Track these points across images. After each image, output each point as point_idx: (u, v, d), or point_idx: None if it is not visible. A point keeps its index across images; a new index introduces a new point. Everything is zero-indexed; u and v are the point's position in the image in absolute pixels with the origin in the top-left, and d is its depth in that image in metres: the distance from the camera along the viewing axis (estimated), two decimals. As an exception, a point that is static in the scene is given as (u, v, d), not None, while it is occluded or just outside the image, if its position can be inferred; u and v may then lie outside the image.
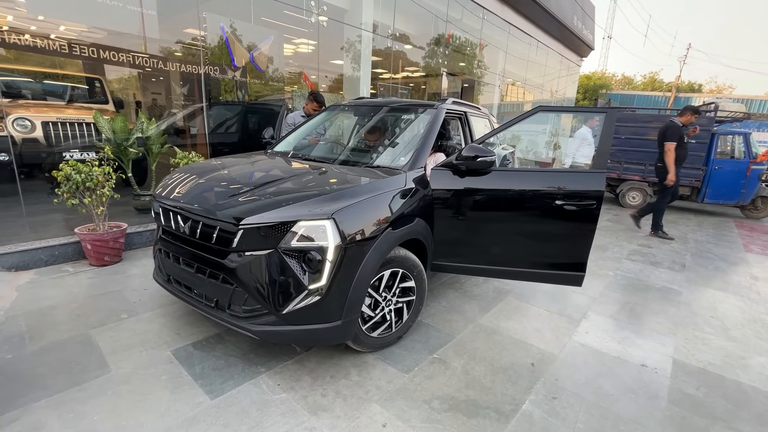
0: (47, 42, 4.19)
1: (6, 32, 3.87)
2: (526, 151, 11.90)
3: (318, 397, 1.93)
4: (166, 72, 5.20)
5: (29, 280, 3.03)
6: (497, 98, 12.32)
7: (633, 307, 3.21)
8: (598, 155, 2.51)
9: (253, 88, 5.93)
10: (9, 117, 4.45)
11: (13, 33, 3.91)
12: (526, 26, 11.36)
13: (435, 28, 8.86)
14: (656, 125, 7.59)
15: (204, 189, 2.18)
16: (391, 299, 2.28)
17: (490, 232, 2.61)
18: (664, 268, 4.28)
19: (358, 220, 1.96)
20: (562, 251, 2.56)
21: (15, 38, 3.97)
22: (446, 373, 2.18)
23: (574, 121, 16.79)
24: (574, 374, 2.25)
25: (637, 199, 7.89)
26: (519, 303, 3.14)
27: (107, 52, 4.65)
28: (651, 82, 39.68)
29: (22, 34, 4.00)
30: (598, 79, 30.71)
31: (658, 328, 2.88)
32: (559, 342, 2.59)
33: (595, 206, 2.40)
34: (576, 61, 16.51)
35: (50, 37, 4.23)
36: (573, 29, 13.25)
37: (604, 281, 3.75)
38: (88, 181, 3.16)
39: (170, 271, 2.28)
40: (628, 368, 2.35)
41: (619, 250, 4.84)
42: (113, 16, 4.28)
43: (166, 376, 2.01)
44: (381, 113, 3.32)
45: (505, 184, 2.53)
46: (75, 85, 5.68)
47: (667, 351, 2.57)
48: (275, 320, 1.88)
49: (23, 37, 4.02)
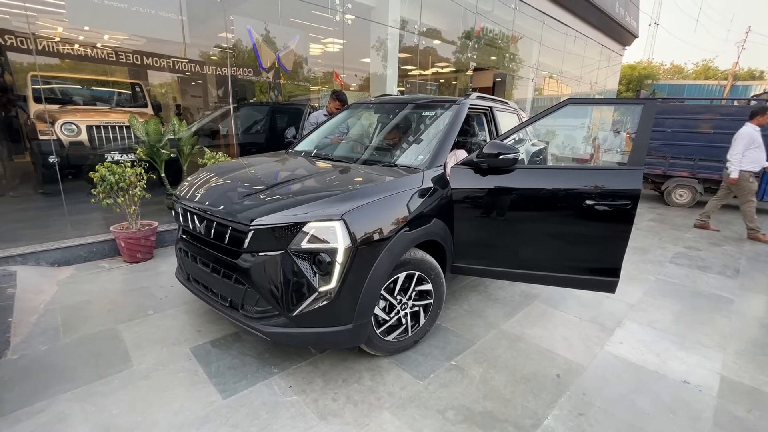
0: (93, 50, 4.48)
1: (58, 43, 4.15)
2: (563, 147, 11.34)
3: (329, 401, 1.89)
4: (197, 75, 5.39)
5: (69, 276, 3.22)
6: (531, 92, 11.85)
7: (676, 316, 2.94)
8: (635, 150, 2.29)
9: (280, 88, 6.01)
10: (58, 122, 4.79)
11: (63, 43, 4.19)
12: (561, 15, 10.82)
13: (464, 22, 8.62)
14: (708, 117, 7.00)
15: (219, 190, 2.20)
16: (406, 302, 2.20)
17: (513, 233, 2.46)
18: (715, 273, 3.91)
19: (370, 221, 1.90)
20: (593, 255, 2.38)
21: (67, 48, 4.26)
22: (463, 381, 2.08)
23: (616, 114, 15.84)
24: (604, 388, 2.08)
25: (685, 197, 7.30)
26: (547, 308, 2.97)
27: (148, 58, 4.91)
28: (704, 70, 36.80)
29: (71, 44, 4.29)
30: (644, 68, 28.88)
31: (705, 341, 2.61)
32: (589, 352, 2.41)
33: (630, 206, 2.19)
34: (618, 50, 15.56)
35: (96, 45, 4.52)
36: (614, 16, 12.47)
37: (643, 287, 3.47)
38: (121, 182, 3.31)
39: (189, 270, 2.33)
40: (668, 384, 2.14)
41: (663, 253, 4.48)
42: (145, 23, 4.46)
43: (183, 373, 2.05)
44: (402, 111, 3.24)
45: (530, 183, 2.37)
46: (117, 91, 6.05)
47: (714, 367, 2.32)
48: (286, 322, 1.87)
49: (73, 47, 4.31)
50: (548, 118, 2.58)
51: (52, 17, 4.10)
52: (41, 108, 4.90)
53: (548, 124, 9.41)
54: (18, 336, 2.33)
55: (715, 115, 6.96)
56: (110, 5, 4.00)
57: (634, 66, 28.41)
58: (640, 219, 6.18)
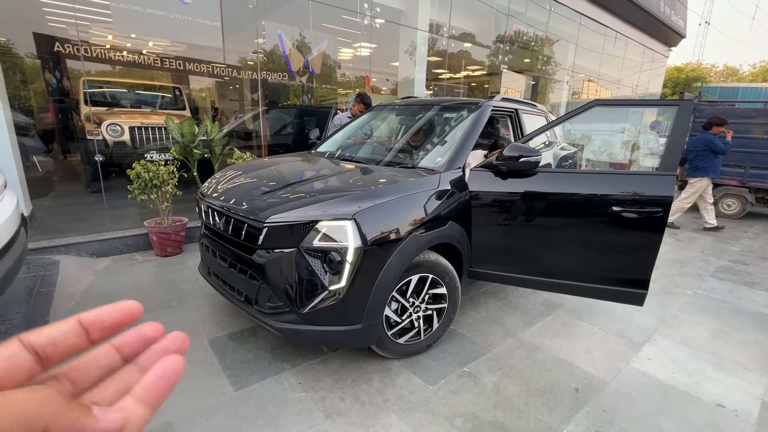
0: (140, 57, 4.81)
1: (109, 50, 4.48)
2: (599, 152, 10.85)
3: (336, 400, 1.90)
4: (231, 80, 5.62)
5: (106, 266, 3.43)
6: (566, 96, 11.44)
7: (714, 335, 2.73)
8: (667, 155, 2.16)
9: (308, 91, 6.15)
10: (104, 123, 5.14)
11: (113, 51, 4.52)
12: (599, 15, 10.38)
13: (496, 24, 8.47)
14: (762, 121, 6.48)
15: (238, 188, 2.28)
16: (419, 305, 2.18)
17: (533, 239, 2.38)
18: (762, 289, 3.59)
19: (382, 222, 1.89)
20: (620, 265, 2.25)
21: (117, 55, 4.60)
22: (474, 389, 2.02)
23: (660, 117, 14.94)
24: (627, 407, 1.95)
25: (734, 207, 6.78)
26: (570, 319, 2.84)
27: (190, 64, 5.20)
28: (762, 72, 34.16)
29: (120, 51, 4.61)
30: (692, 71, 27.16)
31: (746, 362, 2.40)
32: (612, 367, 2.27)
33: (661, 214, 2.07)
34: (662, 51, 14.74)
35: (142, 52, 4.84)
36: (659, 16, 11.82)
37: (679, 301, 3.25)
38: (155, 179, 3.50)
39: (210, 265, 2.42)
40: (699, 407, 1.98)
41: (704, 266, 4.17)
42: (182, 30, 4.70)
43: (200, 364, 2.12)
44: (424, 113, 3.22)
45: (552, 188, 2.30)
46: (158, 94, 6.45)
47: (755, 391, 2.13)
48: (296, 318, 1.89)
49: (122, 54, 4.64)
50: (578, 122, 2.48)
51: (102, 26, 4.41)
52: (90, 110, 5.29)
53: (582, 128, 9.04)
54: (55, 320, 2.49)
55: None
56: (151, 13, 4.24)
57: (681, 68, 26.80)
58: (680, 230, 5.80)
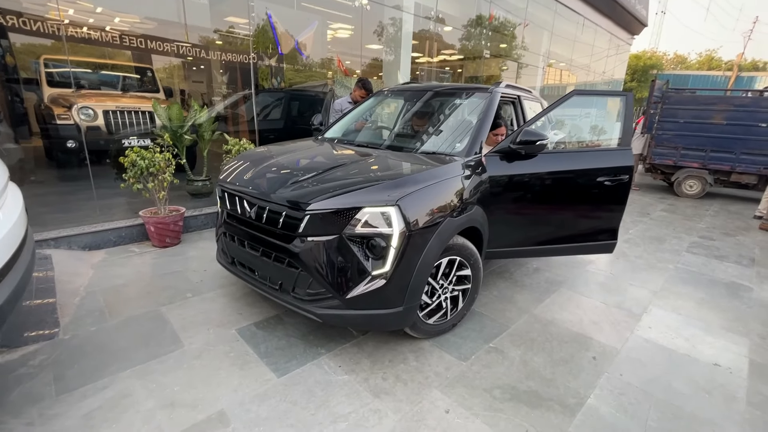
0: (102, 34, 4.43)
1: (82, 27, 4.10)
2: (570, 136, 11.34)
3: (379, 380, 1.96)
4: (215, 61, 5.34)
5: (102, 259, 3.26)
6: (540, 81, 11.76)
7: (699, 303, 3.02)
8: (624, 134, 2.75)
9: (297, 74, 5.97)
10: (74, 106, 4.76)
11: (91, 29, 4.15)
12: (573, 3, 10.69)
13: (477, 8, 8.52)
14: (722, 108, 7.01)
15: (269, 175, 2.23)
16: (447, 287, 2.26)
17: (539, 213, 2.76)
18: (731, 262, 3.99)
19: (422, 207, 1.94)
20: (600, 223, 2.84)
21: (93, 33, 4.22)
22: (504, 363, 2.15)
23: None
24: (639, 370, 2.16)
25: (695, 188, 7.36)
26: (573, 294, 3.04)
27: (154, 42, 4.85)
28: (707, 60, 36.53)
29: (97, 29, 4.23)
30: (648, 58, 28.62)
31: (729, 326, 2.70)
32: (620, 336, 2.48)
33: (627, 179, 2.67)
34: (626, 39, 15.42)
35: (105, 29, 4.45)
36: (625, 5, 12.32)
37: (663, 275, 3.55)
38: (152, 167, 3.33)
39: (235, 254, 2.37)
40: (700, 367, 2.22)
41: (678, 242, 4.55)
42: (163, 7, 4.40)
43: (234, 354, 2.11)
44: (434, 99, 3.25)
45: (553, 166, 2.64)
46: (128, 75, 5.98)
47: (741, 351, 2.41)
48: (338, 304, 1.92)
49: (100, 33, 4.26)
50: (558, 109, 2.68)
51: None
52: (56, 92, 4.88)
53: (558, 114, 9.41)
54: (65, 317, 2.38)
55: (728, 106, 6.97)
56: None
57: (639, 56, 28.15)
58: (652, 209, 6.25)
